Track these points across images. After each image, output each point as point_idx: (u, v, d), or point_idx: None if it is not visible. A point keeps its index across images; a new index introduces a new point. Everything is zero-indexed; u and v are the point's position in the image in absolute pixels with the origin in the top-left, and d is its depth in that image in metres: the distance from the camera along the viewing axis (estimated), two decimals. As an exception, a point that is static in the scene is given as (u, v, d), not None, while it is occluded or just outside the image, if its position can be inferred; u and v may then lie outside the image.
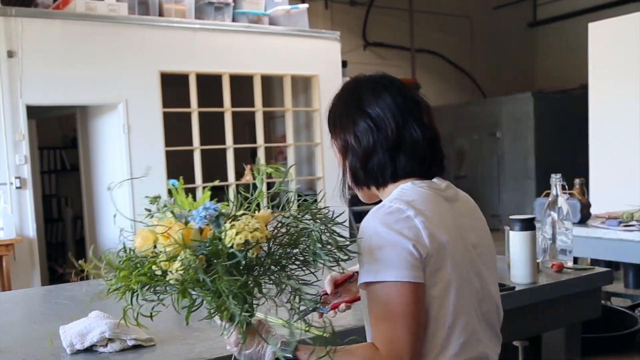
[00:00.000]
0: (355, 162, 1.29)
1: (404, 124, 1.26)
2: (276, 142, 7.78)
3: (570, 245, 2.28)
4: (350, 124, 1.29)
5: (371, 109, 1.27)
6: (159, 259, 1.05)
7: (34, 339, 1.69)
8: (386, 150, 1.26)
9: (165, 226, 1.09)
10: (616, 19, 5.61)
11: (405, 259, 1.11)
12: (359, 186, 1.33)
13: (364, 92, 1.30)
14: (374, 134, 1.26)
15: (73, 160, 7.67)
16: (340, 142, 1.31)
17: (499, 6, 11.00)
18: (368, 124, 1.26)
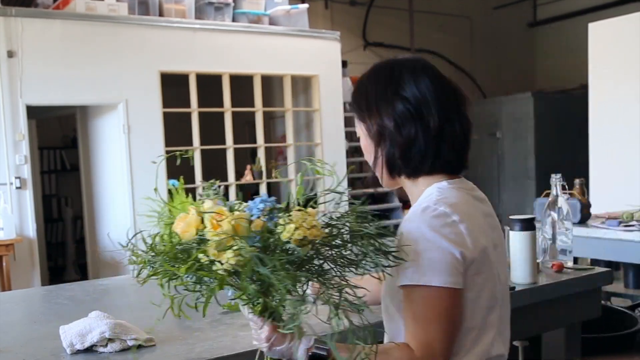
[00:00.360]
0: (394, 150, 1.23)
1: (446, 113, 1.22)
2: (276, 142, 7.78)
3: (570, 245, 2.28)
4: (389, 109, 1.22)
5: (412, 94, 1.21)
6: (207, 247, 1.01)
7: (34, 339, 1.69)
8: (428, 140, 1.21)
9: (216, 213, 1.05)
10: (616, 19, 5.61)
11: (452, 264, 1.11)
12: (392, 175, 1.27)
13: (404, 75, 1.24)
14: (416, 121, 1.21)
15: (73, 160, 7.67)
16: (376, 127, 1.24)
17: (499, 6, 11.00)
18: (409, 110, 1.21)
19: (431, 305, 1.11)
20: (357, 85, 1.32)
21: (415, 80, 1.23)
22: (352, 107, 1.34)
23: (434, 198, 1.18)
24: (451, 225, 1.13)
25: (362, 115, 1.29)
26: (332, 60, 7.08)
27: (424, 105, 1.21)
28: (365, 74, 1.31)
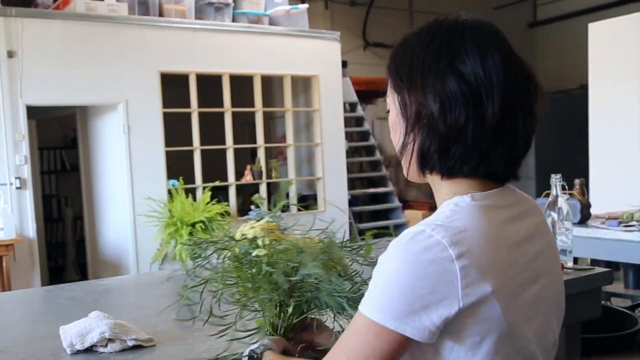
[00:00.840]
0: (431, 142, 0.92)
1: (511, 104, 0.91)
2: (276, 142, 7.78)
3: (570, 245, 2.28)
4: (437, 85, 0.90)
5: (473, 71, 0.90)
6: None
7: (34, 339, 1.69)
8: (479, 136, 0.90)
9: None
10: (616, 19, 5.61)
11: (417, 314, 0.84)
12: (423, 170, 0.97)
13: (467, 43, 0.91)
14: (469, 107, 0.89)
15: (73, 160, 7.67)
16: (415, 105, 0.93)
17: (499, 6, 11.00)
18: (463, 92, 0.89)
19: (367, 342, 0.86)
20: (402, 43, 0.98)
21: (481, 54, 0.91)
22: (388, 70, 1.00)
23: (440, 220, 0.88)
24: (441, 262, 0.83)
25: (398, 85, 0.96)
26: (332, 60, 7.08)
27: (486, 88, 0.89)
28: (414, 31, 0.98)
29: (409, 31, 0.99)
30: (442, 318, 0.84)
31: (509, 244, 0.91)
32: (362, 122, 8.42)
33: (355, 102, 8.33)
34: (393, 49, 1.00)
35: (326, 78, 7.01)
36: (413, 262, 0.84)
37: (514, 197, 0.97)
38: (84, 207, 6.61)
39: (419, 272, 0.84)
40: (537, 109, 0.95)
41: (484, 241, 0.87)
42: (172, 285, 2.40)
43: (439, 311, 0.84)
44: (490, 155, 0.91)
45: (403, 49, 0.98)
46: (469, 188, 0.94)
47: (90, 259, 6.49)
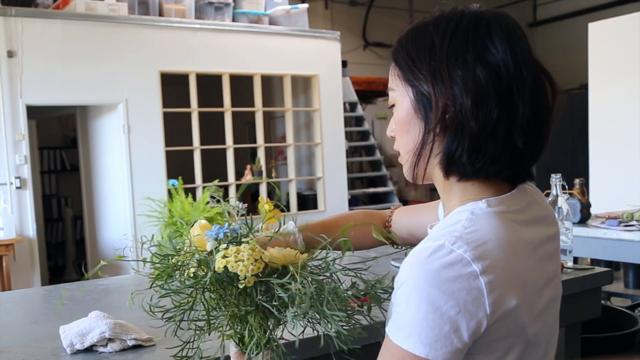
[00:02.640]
0: (459, 141, 0.84)
1: (539, 104, 0.86)
2: (276, 142, 7.78)
3: (570, 245, 2.28)
4: (467, 76, 0.82)
5: (504, 64, 0.83)
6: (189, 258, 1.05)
7: (34, 339, 1.69)
8: (511, 134, 0.83)
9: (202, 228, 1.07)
10: (616, 19, 5.61)
11: (448, 337, 0.78)
12: (448, 174, 0.88)
13: (495, 34, 0.84)
14: (501, 103, 0.82)
15: (73, 160, 7.67)
16: (441, 100, 0.83)
17: (499, 6, 11.00)
18: (495, 86, 0.82)
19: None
20: (415, 32, 0.88)
21: (510, 46, 0.84)
22: (399, 59, 0.89)
23: (457, 232, 0.82)
24: (466, 280, 0.78)
25: (415, 77, 0.86)
26: (332, 60, 7.09)
27: (517, 83, 0.83)
28: (431, 20, 0.88)
29: (423, 19, 0.89)
30: (472, 337, 0.79)
31: (527, 251, 0.86)
32: (362, 122, 8.42)
33: (355, 102, 8.33)
34: (402, 37, 0.90)
35: (326, 78, 7.01)
36: (436, 282, 0.78)
37: (526, 200, 0.92)
38: (84, 207, 6.61)
39: (443, 291, 0.78)
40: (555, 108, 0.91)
41: (506, 253, 0.82)
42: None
43: (469, 331, 0.79)
44: (520, 156, 0.85)
45: (418, 38, 0.87)
46: (482, 192, 0.88)
47: (90, 259, 6.49)
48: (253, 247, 0.98)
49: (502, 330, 0.82)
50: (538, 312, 0.87)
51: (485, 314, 0.79)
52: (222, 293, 1.01)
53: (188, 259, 1.03)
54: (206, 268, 1.01)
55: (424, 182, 0.92)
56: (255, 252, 0.97)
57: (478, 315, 0.78)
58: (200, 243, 1.06)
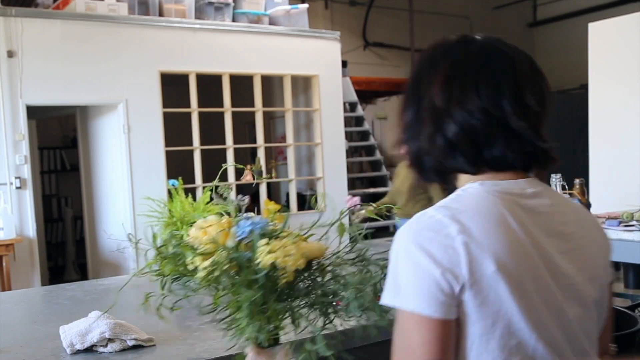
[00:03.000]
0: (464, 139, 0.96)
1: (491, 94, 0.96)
2: (276, 142, 7.78)
3: (570, 245, 2.28)
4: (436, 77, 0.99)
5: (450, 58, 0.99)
6: (195, 253, 1.02)
7: (34, 339, 1.69)
8: (501, 131, 0.96)
9: (209, 223, 1.05)
10: (616, 19, 5.60)
11: (429, 289, 0.88)
12: (455, 170, 1.01)
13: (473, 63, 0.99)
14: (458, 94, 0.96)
15: (73, 160, 7.67)
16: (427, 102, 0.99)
17: (499, 6, 11.00)
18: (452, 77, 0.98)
19: (408, 333, 0.90)
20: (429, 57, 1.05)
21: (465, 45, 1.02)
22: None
23: (444, 202, 0.95)
24: (442, 239, 0.89)
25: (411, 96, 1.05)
26: (332, 60, 7.08)
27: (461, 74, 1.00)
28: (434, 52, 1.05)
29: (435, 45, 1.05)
30: (455, 293, 0.88)
31: (515, 228, 0.92)
32: (362, 122, 8.42)
33: (355, 102, 8.32)
34: (417, 60, 1.06)
35: (326, 78, 7.01)
36: (417, 241, 0.90)
37: (534, 191, 0.98)
38: (84, 207, 6.61)
39: (423, 249, 0.89)
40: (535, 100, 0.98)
41: (484, 221, 0.91)
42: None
43: (452, 285, 0.88)
44: (489, 142, 0.96)
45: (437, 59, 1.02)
46: (485, 178, 0.98)
47: (90, 259, 6.49)
48: (296, 241, 0.99)
49: (486, 294, 0.88)
50: (536, 294, 0.91)
51: (459, 271, 0.88)
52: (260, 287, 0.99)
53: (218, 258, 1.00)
54: (243, 264, 0.99)
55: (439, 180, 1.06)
56: (300, 245, 0.98)
57: (455, 271, 0.88)
58: (219, 239, 1.04)
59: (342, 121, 7.29)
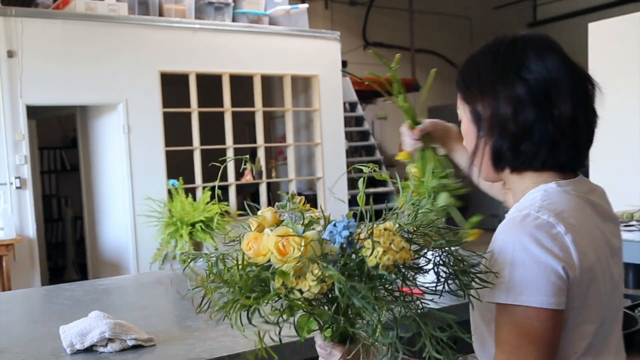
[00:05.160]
0: (504, 141, 1.05)
1: (573, 101, 1.04)
2: (276, 142, 7.78)
3: (570, 245, 2.28)
4: (507, 91, 1.04)
5: (535, 77, 1.04)
6: (285, 274, 0.90)
7: (34, 339, 1.69)
8: (547, 132, 1.02)
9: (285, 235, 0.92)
10: (616, 19, 5.61)
11: (555, 283, 0.95)
12: (497, 168, 1.09)
13: (528, 52, 1.06)
14: (537, 108, 1.02)
15: (73, 160, 7.67)
16: (489, 111, 1.06)
17: (499, 6, 11.00)
18: (530, 95, 1.03)
19: (526, 328, 0.96)
20: (468, 62, 1.13)
21: (542, 59, 1.05)
22: (459, 85, 1.14)
23: (537, 203, 1.00)
24: (555, 238, 0.96)
25: (469, 97, 1.10)
26: (332, 60, 7.08)
27: (552, 89, 1.03)
28: (480, 49, 1.13)
29: (473, 51, 1.13)
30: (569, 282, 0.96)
31: (594, 222, 1.05)
32: (362, 122, 8.42)
33: (355, 102, 8.33)
34: (460, 68, 1.14)
35: (326, 78, 7.01)
36: (533, 241, 0.96)
37: (588, 186, 1.11)
38: (84, 207, 6.61)
39: (541, 247, 0.95)
40: (598, 105, 1.09)
41: (580, 219, 1.01)
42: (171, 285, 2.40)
43: (568, 276, 0.96)
44: (557, 148, 1.04)
45: (470, 65, 1.12)
46: (544, 179, 1.06)
47: (90, 259, 6.49)
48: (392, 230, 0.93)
49: (586, 285, 0.98)
50: (610, 279, 1.05)
51: (575, 265, 0.96)
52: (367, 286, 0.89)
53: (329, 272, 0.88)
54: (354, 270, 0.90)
55: (494, 179, 1.13)
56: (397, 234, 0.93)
57: (571, 263, 0.96)
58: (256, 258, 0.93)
59: (342, 121, 7.29)
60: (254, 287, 0.92)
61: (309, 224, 0.97)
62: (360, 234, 0.93)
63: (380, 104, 9.99)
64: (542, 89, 1.03)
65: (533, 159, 1.05)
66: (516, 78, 1.04)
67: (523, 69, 1.04)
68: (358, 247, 0.91)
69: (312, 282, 0.88)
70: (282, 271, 0.89)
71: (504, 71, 1.06)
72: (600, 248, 1.03)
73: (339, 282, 0.87)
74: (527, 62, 1.05)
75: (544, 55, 1.06)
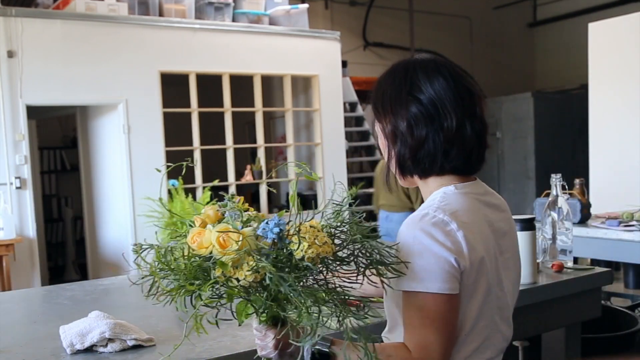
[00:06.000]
0: (405, 151, 1.24)
1: (458, 114, 1.21)
2: (276, 142, 7.78)
3: (570, 245, 2.28)
4: (402, 110, 1.23)
5: (425, 96, 1.22)
6: (224, 264, 1.04)
7: (34, 339, 1.69)
8: (439, 142, 1.21)
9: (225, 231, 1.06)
10: (616, 19, 5.61)
11: (448, 272, 1.12)
12: (404, 175, 1.29)
13: (418, 75, 1.24)
14: (429, 123, 1.21)
15: (73, 160, 7.67)
16: (390, 127, 1.26)
17: (499, 6, 11.00)
18: (422, 112, 1.22)
19: (427, 310, 1.13)
20: (376, 85, 1.32)
21: (429, 80, 1.23)
22: (372, 106, 1.34)
23: (436, 204, 1.19)
24: (448, 234, 1.14)
25: (378, 116, 1.30)
26: (332, 60, 7.08)
27: (439, 106, 1.21)
28: (383, 74, 1.32)
29: (381, 76, 1.31)
30: (461, 274, 1.14)
31: (486, 221, 1.23)
32: (362, 122, 8.41)
33: (355, 102, 8.32)
34: (372, 91, 1.32)
35: (326, 78, 7.01)
36: (429, 235, 1.14)
37: (484, 189, 1.30)
38: (84, 207, 6.61)
39: (436, 241, 1.13)
40: (483, 112, 1.26)
41: (472, 218, 1.19)
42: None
43: (460, 267, 1.13)
44: (449, 155, 1.22)
45: (377, 89, 1.30)
46: (445, 182, 1.25)
47: (90, 259, 6.49)
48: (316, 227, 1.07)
49: (475, 275, 1.16)
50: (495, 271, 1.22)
51: (465, 257, 1.14)
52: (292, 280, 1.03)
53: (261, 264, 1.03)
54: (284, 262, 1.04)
55: (409, 184, 1.32)
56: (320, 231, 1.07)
57: (461, 255, 1.14)
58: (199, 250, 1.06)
59: (342, 121, 7.29)
60: (197, 275, 1.06)
61: (247, 221, 1.11)
62: (290, 230, 1.07)
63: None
64: (432, 105, 1.21)
65: (431, 165, 1.23)
66: (409, 98, 1.22)
67: (415, 89, 1.23)
68: (287, 242, 1.05)
69: (248, 271, 1.01)
70: (222, 262, 1.03)
71: (400, 92, 1.24)
72: (490, 244, 1.21)
73: (270, 273, 1.01)
74: (418, 83, 1.23)
75: (432, 77, 1.23)
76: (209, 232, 1.07)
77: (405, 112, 1.22)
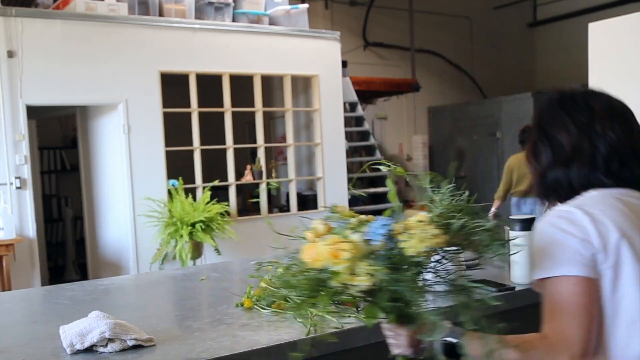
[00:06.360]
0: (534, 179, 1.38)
1: (578, 136, 1.30)
2: (276, 142, 7.78)
3: (570, 245, 2.28)
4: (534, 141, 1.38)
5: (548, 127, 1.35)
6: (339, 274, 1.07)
7: (34, 339, 1.69)
8: (558, 165, 1.32)
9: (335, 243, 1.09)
10: (616, 19, 5.60)
11: (573, 256, 1.17)
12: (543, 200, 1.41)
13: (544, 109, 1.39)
14: (547, 151, 1.34)
15: (73, 160, 7.67)
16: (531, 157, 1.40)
17: (499, 6, 11.00)
18: (543, 142, 1.35)
19: (559, 295, 1.17)
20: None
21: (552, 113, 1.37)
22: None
23: (571, 202, 1.28)
24: (572, 221, 1.20)
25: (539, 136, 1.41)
26: (332, 60, 7.08)
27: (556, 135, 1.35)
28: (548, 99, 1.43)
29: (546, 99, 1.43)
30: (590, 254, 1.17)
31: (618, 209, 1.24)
32: (362, 122, 8.42)
33: (355, 102, 8.32)
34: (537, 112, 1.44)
35: (326, 78, 7.01)
36: (554, 224, 1.22)
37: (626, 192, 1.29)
38: (84, 207, 6.61)
39: (561, 229, 1.20)
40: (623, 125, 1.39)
41: (603, 207, 1.23)
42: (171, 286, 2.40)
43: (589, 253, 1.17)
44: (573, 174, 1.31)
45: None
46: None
47: (90, 259, 6.49)
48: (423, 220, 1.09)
49: (615, 259, 1.18)
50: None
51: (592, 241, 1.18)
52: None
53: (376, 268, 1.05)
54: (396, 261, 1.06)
55: None
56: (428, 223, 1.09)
57: (588, 239, 1.18)
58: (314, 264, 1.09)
59: (342, 121, 7.29)
60: (316, 288, 1.09)
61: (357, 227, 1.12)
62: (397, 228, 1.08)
63: (380, 104, 9.98)
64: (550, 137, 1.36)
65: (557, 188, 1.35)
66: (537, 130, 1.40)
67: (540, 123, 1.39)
68: (396, 241, 1.07)
69: (364, 277, 1.04)
70: (336, 272, 1.06)
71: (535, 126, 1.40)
72: (627, 229, 1.21)
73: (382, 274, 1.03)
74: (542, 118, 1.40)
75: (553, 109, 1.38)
76: (320, 245, 1.10)
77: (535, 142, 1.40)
